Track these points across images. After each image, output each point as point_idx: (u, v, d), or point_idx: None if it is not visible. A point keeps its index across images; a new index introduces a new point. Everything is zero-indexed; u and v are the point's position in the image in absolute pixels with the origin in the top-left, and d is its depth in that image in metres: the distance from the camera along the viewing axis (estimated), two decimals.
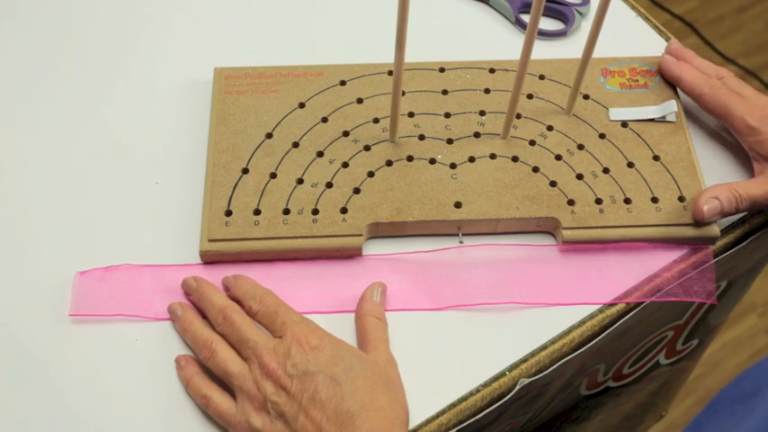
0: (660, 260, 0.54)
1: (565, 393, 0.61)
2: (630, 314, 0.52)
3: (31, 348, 0.50)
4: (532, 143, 0.57)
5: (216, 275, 0.52)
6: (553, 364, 0.50)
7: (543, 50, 0.64)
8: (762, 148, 0.55)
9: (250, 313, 0.50)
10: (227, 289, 0.52)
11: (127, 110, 0.61)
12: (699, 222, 0.54)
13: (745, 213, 0.56)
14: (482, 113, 0.59)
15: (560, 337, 0.51)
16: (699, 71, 0.59)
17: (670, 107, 0.58)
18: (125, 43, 0.65)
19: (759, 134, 0.55)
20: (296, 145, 0.57)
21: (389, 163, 0.56)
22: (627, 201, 0.55)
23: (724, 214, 0.53)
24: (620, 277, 0.53)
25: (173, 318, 0.51)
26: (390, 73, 0.60)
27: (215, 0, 0.68)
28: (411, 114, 0.58)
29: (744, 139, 0.56)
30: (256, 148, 0.56)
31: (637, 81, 0.61)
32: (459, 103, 0.59)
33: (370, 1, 0.68)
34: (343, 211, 0.54)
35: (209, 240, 0.52)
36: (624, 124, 0.58)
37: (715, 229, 0.54)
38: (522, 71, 0.53)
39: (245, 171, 0.55)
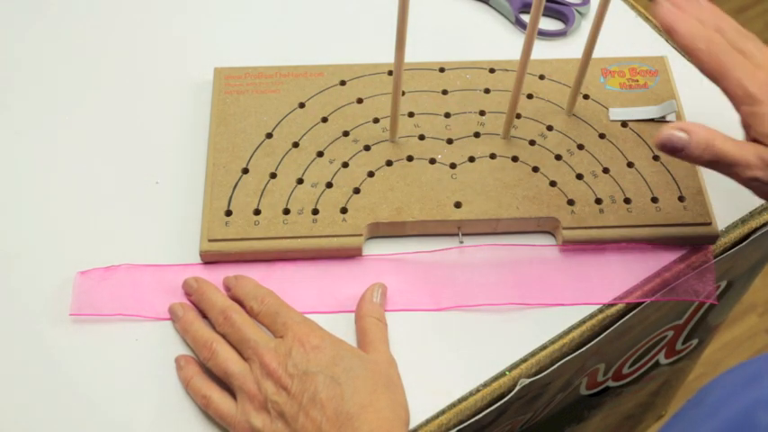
0: (660, 260, 0.54)
1: (565, 393, 0.61)
2: (630, 314, 0.52)
3: (31, 348, 0.50)
4: (532, 143, 0.57)
5: (216, 275, 0.52)
6: (553, 364, 0.50)
7: (543, 50, 0.64)
8: (758, 122, 0.45)
9: (251, 313, 0.50)
10: (227, 289, 0.52)
11: (127, 110, 0.61)
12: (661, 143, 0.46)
13: (744, 214, 0.56)
14: (482, 113, 0.59)
15: (560, 337, 0.51)
16: (697, 21, 0.48)
17: (670, 107, 0.58)
18: (125, 43, 0.65)
19: (758, 104, 0.45)
20: (296, 145, 0.57)
21: (389, 163, 0.56)
22: (627, 201, 0.55)
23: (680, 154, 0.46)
24: (620, 277, 0.53)
25: (173, 318, 0.51)
26: (390, 73, 0.60)
27: (215, 0, 0.68)
28: (411, 114, 0.58)
29: (738, 107, 0.47)
30: (256, 148, 0.56)
31: (637, 81, 0.61)
32: (459, 103, 0.59)
33: (370, 1, 0.68)
34: (343, 211, 0.54)
35: (210, 240, 0.52)
36: (624, 124, 0.58)
37: (715, 229, 0.54)
38: (522, 71, 0.53)
39: (245, 171, 0.55)
